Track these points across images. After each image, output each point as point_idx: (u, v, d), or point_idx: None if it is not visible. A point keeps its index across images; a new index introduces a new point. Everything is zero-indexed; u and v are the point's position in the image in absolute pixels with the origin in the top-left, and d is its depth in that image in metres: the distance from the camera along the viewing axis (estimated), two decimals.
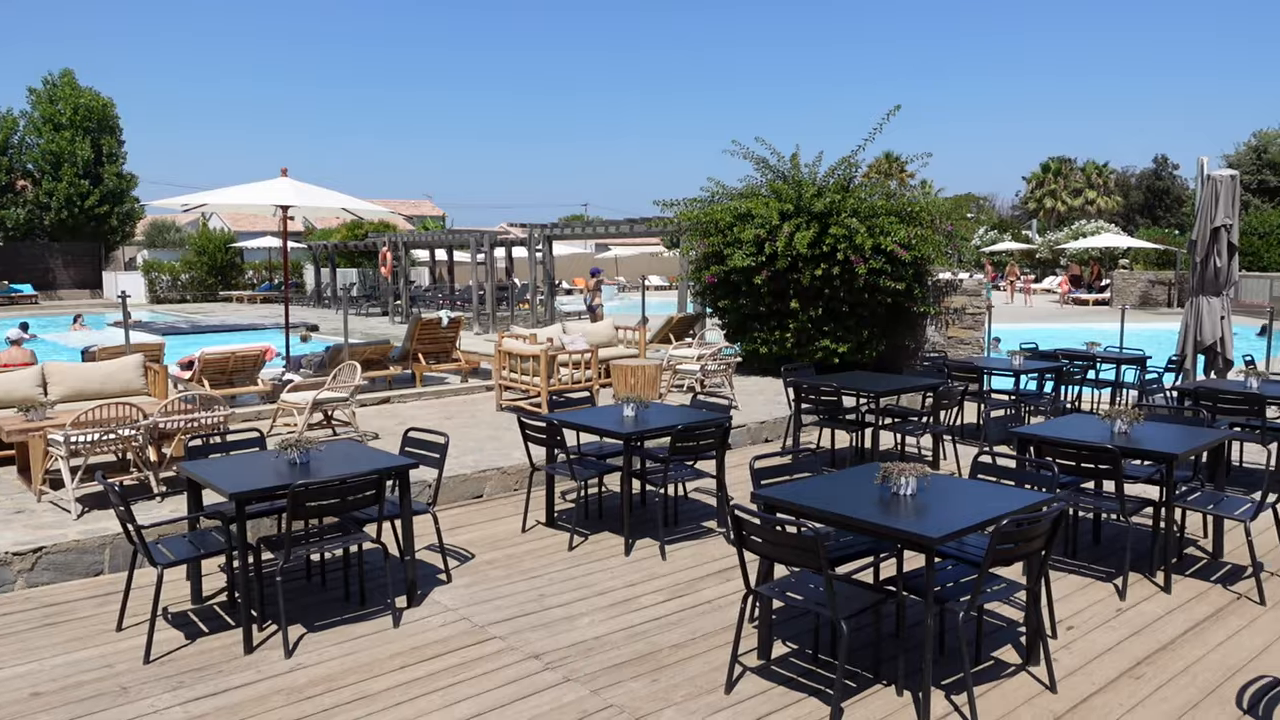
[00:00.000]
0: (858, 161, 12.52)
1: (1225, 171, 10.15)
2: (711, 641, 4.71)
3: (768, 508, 4.38)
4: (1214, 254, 10.11)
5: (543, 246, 20.50)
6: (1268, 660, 4.45)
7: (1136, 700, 4.07)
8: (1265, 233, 30.37)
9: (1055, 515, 4.00)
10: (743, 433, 9.28)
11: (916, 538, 3.82)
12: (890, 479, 4.36)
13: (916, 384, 8.16)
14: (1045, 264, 41.94)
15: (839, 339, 12.08)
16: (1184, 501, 5.54)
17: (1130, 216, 55.58)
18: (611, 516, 6.87)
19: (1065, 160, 55.47)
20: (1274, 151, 40.59)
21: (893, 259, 11.67)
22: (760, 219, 11.96)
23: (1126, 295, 30.27)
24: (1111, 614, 5.03)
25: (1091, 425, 6.01)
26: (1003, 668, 4.38)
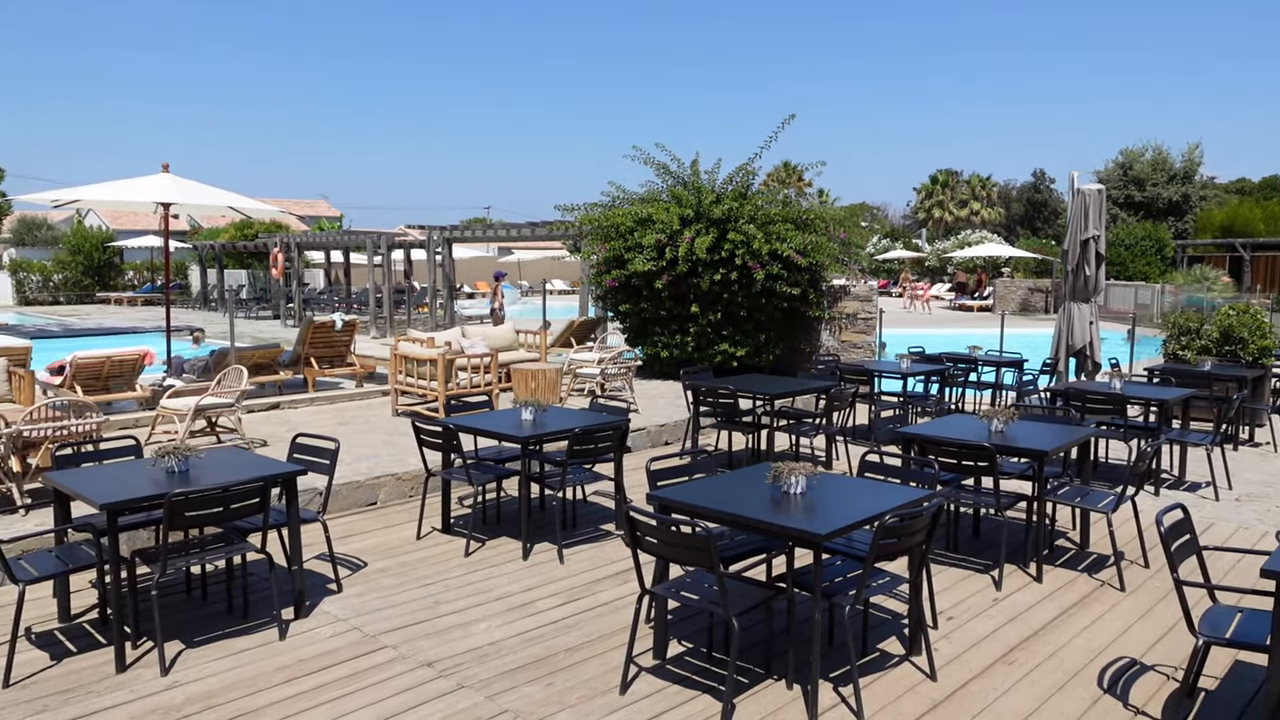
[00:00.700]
0: (755, 169, 12.81)
1: (1093, 186, 10.80)
2: (608, 643, 4.72)
3: (662, 508, 4.42)
4: (1084, 263, 10.74)
5: (442, 249, 20.17)
6: (1126, 642, 4.76)
7: (1009, 684, 4.29)
8: (1131, 244, 32.46)
9: (934, 510, 4.17)
10: (643, 435, 9.34)
11: (804, 535, 3.93)
12: (781, 478, 4.47)
13: (810, 386, 8.39)
14: (934, 272, 43.73)
15: (738, 343, 12.30)
16: (1054, 496, 5.87)
17: (1011, 227, 58.49)
18: (509, 521, 6.81)
19: (952, 173, 58.08)
20: (1139, 168, 43.39)
21: (789, 265, 11.97)
22: (661, 224, 12.09)
23: (1008, 302, 31.85)
24: (989, 604, 5.28)
25: (971, 425, 6.30)
26: (888, 659, 4.55)
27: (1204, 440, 7.74)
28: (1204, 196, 44.76)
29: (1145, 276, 30.57)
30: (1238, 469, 8.55)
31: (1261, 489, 7.93)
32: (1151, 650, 4.66)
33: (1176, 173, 43.32)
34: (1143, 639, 4.80)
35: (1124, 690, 4.24)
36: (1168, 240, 33.80)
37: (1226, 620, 3.90)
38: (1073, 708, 4.07)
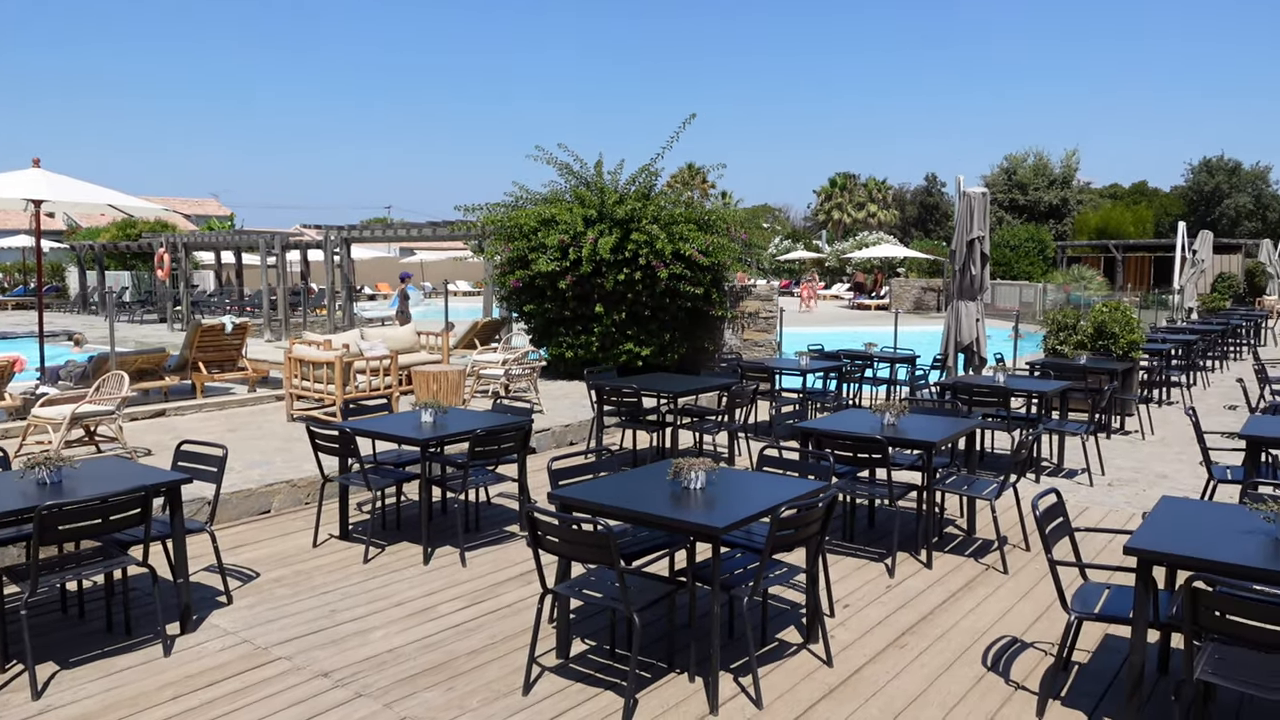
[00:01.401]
0: (658, 170, 12.92)
1: (978, 189, 11.31)
2: (510, 645, 4.69)
3: (564, 507, 4.42)
4: (970, 263, 11.25)
5: (341, 249, 19.62)
6: (1008, 622, 5.00)
7: (901, 667, 4.45)
8: (1015, 245, 34.08)
9: (829, 501, 4.30)
10: (547, 436, 9.30)
11: (703, 529, 3.99)
12: (681, 474, 4.52)
13: (712, 384, 8.52)
14: (834, 272, 44.96)
15: (642, 342, 12.38)
16: (942, 485, 6.12)
17: (906, 229, 60.65)
18: (410, 526, 6.69)
19: (850, 176, 59.81)
20: (1022, 173, 45.65)
21: (692, 265, 12.12)
22: (564, 225, 12.06)
23: (902, 301, 33.01)
24: (882, 591, 5.47)
25: (865, 419, 6.51)
26: (786, 647, 4.66)
27: (1079, 429, 8.20)
28: (1081, 201, 47.43)
29: (1029, 276, 32.14)
30: (1110, 456, 9.09)
31: (1131, 474, 8.45)
32: (1031, 628, 4.91)
33: (1056, 178, 45.76)
34: (1023, 618, 5.05)
35: (1005, 667, 4.46)
36: (1049, 241, 35.64)
37: (1096, 597, 4.15)
38: (959, 686, 4.25)
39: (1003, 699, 4.14)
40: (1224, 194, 49.30)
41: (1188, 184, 52.19)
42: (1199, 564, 3.43)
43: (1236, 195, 48.81)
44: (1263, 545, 3.59)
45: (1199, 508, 4.28)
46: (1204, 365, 16.31)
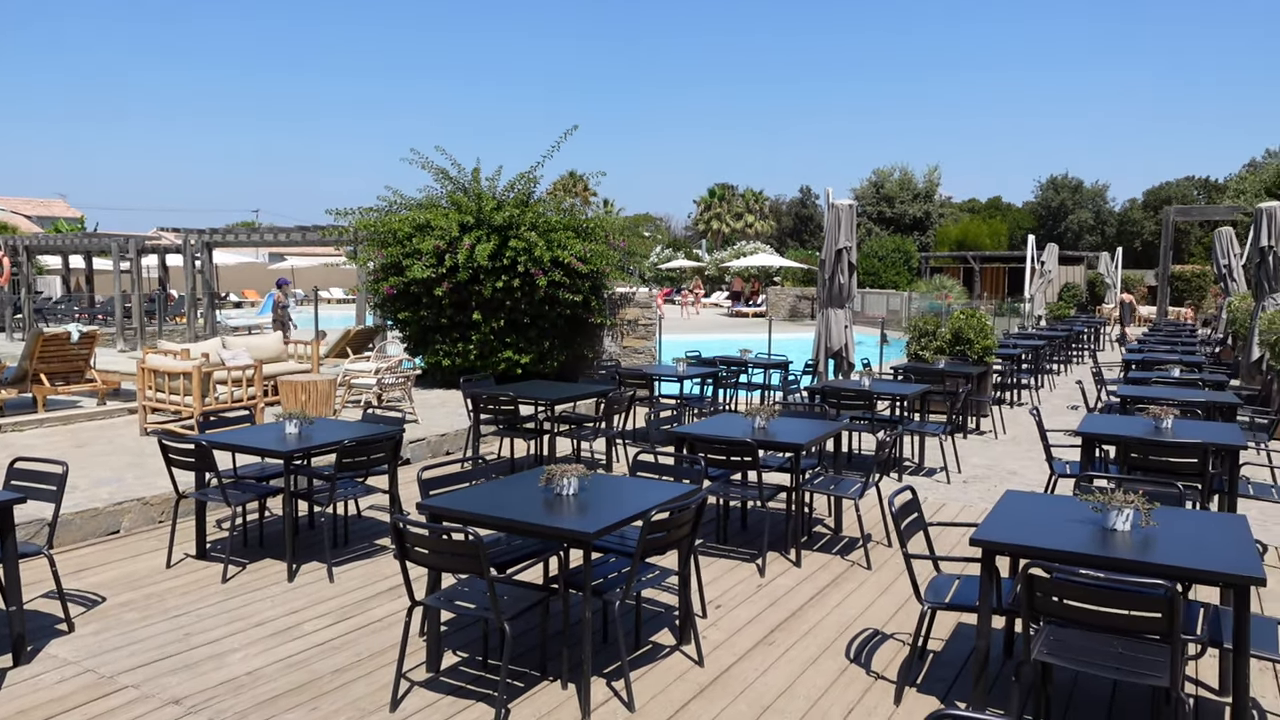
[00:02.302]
0: (537, 177, 12.87)
1: (845, 201, 11.78)
2: (379, 661, 4.56)
3: (434, 517, 4.34)
4: (838, 272, 11.69)
5: (202, 254, 18.65)
6: (871, 615, 5.21)
7: (769, 663, 4.57)
8: (883, 255, 35.67)
9: (698, 503, 4.38)
10: (423, 446, 9.11)
11: (574, 534, 3.99)
12: (553, 481, 4.52)
13: (589, 391, 8.54)
14: (713, 281, 45.88)
15: (521, 350, 12.30)
16: (810, 486, 6.33)
17: (782, 239, 62.54)
18: (274, 542, 6.41)
19: (728, 187, 61.19)
20: (889, 186, 47.87)
21: (571, 272, 12.13)
22: (440, 230, 11.86)
23: (778, 309, 33.99)
24: (753, 590, 5.61)
25: (737, 423, 6.67)
26: (659, 649, 4.71)
27: (938, 430, 8.64)
28: (942, 214, 50.09)
29: (895, 285, 33.69)
30: (966, 454, 9.62)
31: (984, 471, 8.97)
32: (891, 620, 5.14)
33: (920, 192, 48.19)
34: (885, 611, 5.28)
35: (867, 658, 4.65)
36: (913, 252, 37.48)
37: (947, 587, 4.38)
38: (823, 679, 4.40)
39: (864, 689, 4.31)
40: (1069, 210, 53.08)
41: (1037, 200, 55.95)
42: (1035, 552, 3.67)
43: (1079, 211, 52.64)
44: (1091, 533, 3.88)
45: (1038, 500, 4.58)
46: (1050, 369, 17.49)
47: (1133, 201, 55.96)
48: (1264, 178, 27.66)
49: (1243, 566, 3.43)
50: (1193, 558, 3.57)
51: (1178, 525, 4.01)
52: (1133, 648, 3.60)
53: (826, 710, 4.10)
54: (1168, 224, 26.65)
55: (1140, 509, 3.90)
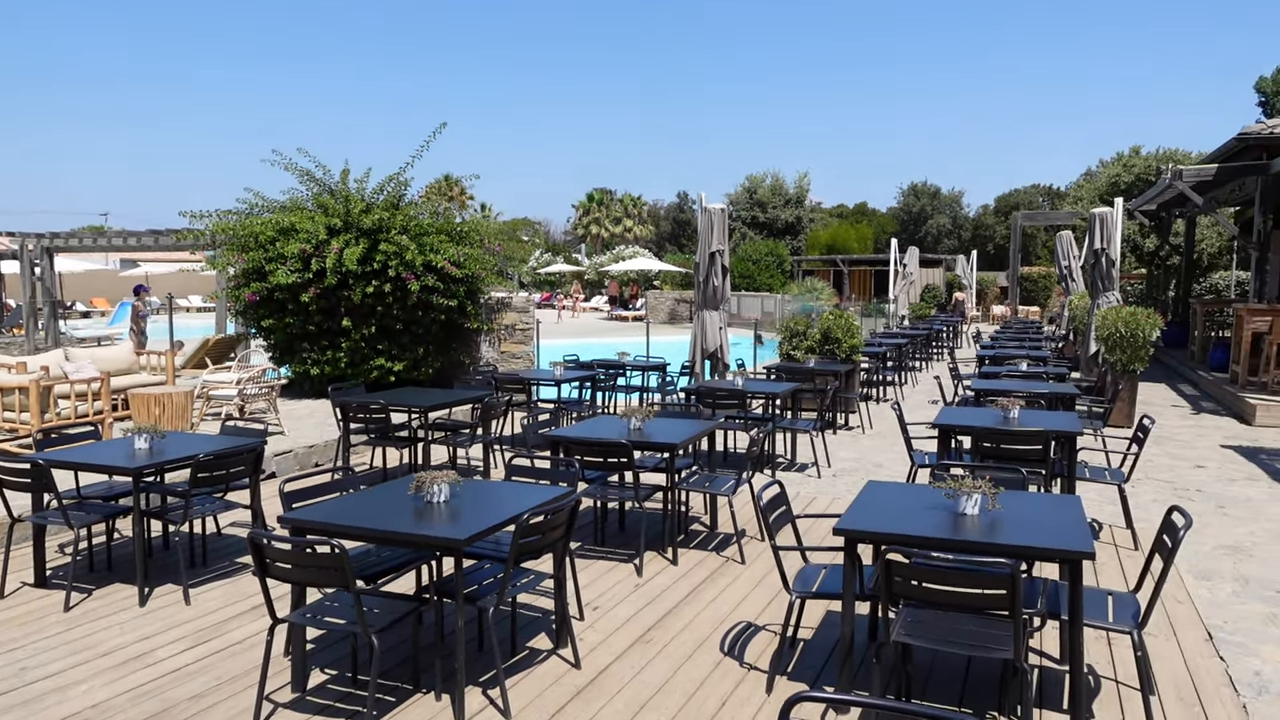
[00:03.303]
0: (407, 179, 12.58)
1: (717, 205, 12.02)
2: (240, 684, 4.34)
3: (296, 530, 4.17)
4: (712, 274, 11.92)
5: (42, 260, 17.33)
6: (745, 608, 5.34)
7: (646, 661, 4.61)
8: (757, 259, 36.65)
9: (572, 506, 4.37)
10: (289, 459, 8.73)
11: (445, 542, 3.92)
12: (423, 488, 4.42)
13: (463, 397, 8.40)
14: (593, 285, 46.01)
15: (394, 357, 11.98)
16: (685, 484, 6.43)
17: (661, 243, 63.39)
18: (124, 565, 6.01)
19: (607, 192, 61.60)
20: (762, 193, 49.22)
21: (445, 276, 11.91)
22: (305, 234, 11.43)
23: (658, 312, 34.39)
24: (631, 590, 5.64)
25: (614, 425, 6.70)
26: (536, 655, 4.67)
27: (808, 427, 8.93)
28: (813, 219, 51.90)
29: (770, 288, 34.66)
30: (835, 449, 9.99)
31: (852, 465, 9.33)
32: (764, 612, 5.27)
33: (791, 197, 49.75)
34: (758, 603, 5.41)
35: (741, 650, 4.75)
36: (786, 256, 38.67)
37: (815, 577, 4.53)
38: (699, 673, 4.47)
39: (738, 680, 4.40)
40: (928, 215, 55.94)
41: (900, 205, 58.73)
42: (892, 538, 3.85)
43: (938, 216, 55.55)
44: (944, 518, 4.09)
45: (898, 490, 4.80)
46: (913, 366, 18.38)
47: (985, 207, 59.54)
48: (1098, 185, 29.96)
49: (1075, 543, 3.70)
50: (1033, 537, 3.82)
51: (1021, 508, 4.28)
52: (982, 624, 3.82)
53: (702, 703, 4.16)
54: (1016, 229, 28.47)
55: (987, 494, 4.14)
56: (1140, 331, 11.53)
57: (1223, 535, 6.80)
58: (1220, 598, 5.54)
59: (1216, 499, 7.85)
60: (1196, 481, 8.57)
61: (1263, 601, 5.48)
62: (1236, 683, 4.37)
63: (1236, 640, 4.89)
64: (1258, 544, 6.61)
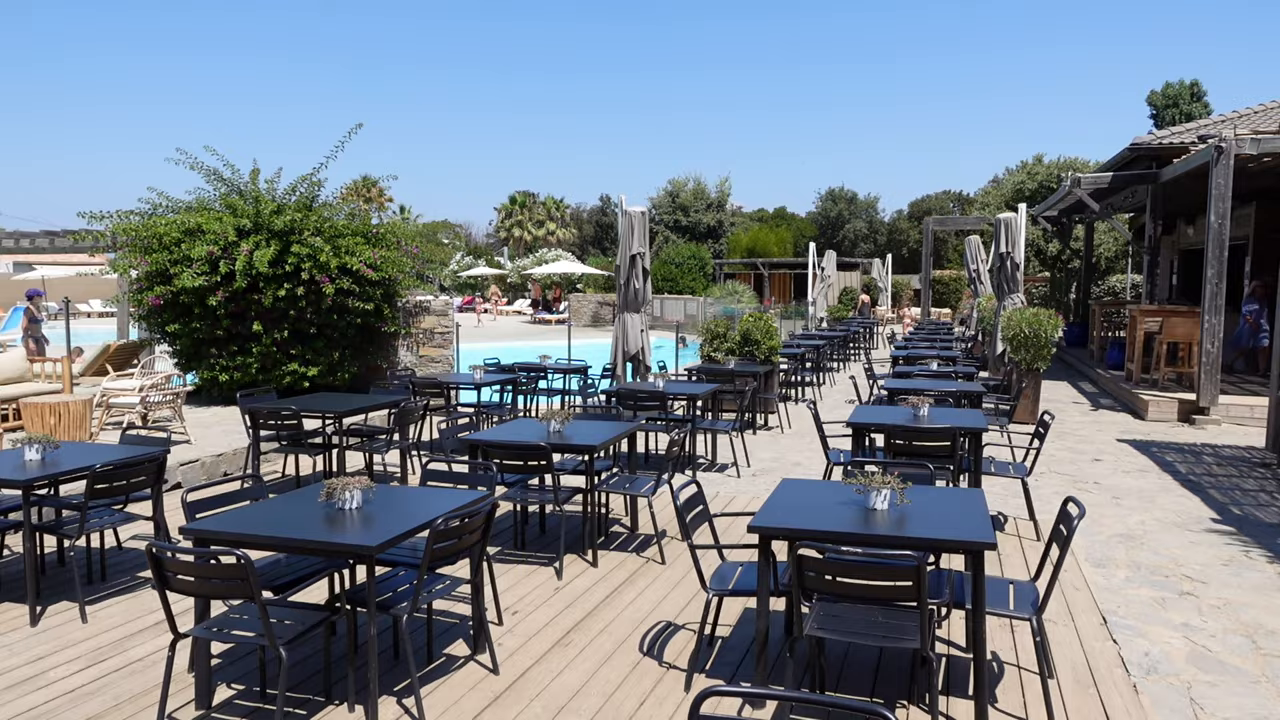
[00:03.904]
0: (321, 180, 12.28)
1: (638, 208, 12.07)
2: (140, 704, 4.16)
3: (200, 541, 4.02)
4: (633, 277, 11.96)
5: None
6: (664, 608, 5.37)
7: (565, 664, 4.60)
8: (680, 262, 36.93)
9: (488, 510, 4.33)
10: (196, 468, 8.42)
11: (355, 549, 3.83)
12: (335, 495, 4.32)
13: (379, 402, 8.23)
14: (516, 288, 45.67)
15: (308, 362, 11.67)
16: (606, 486, 6.43)
17: (584, 247, 63.27)
18: (14, 583, 5.70)
19: (530, 194, 61.21)
20: (684, 196, 49.62)
21: (361, 279, 11.66)
22: (213, 235, 11.04)
23: (581, 315, 34.34)
24: (551, 593, 5.62)
25: (532, 428, 6.66)
26: (453, 661, 4.61)
27: (728, 427, 9.04)
28: (734, 223, 52.55)
29: (692, 291, 34.96)
30: (755, 449, 10.13)
31: (772, 464, 9.48)
32: (684, 611, 5.31)
33: (713, 201, 50.30)
34: (677, 603, 5.45)
35: (659, 650, 4.78)
36: (708, 259, 39.06)
37: (731, 575, 4.59)
38: (617, 674, 4.48)
39: (656, 679, 4.43)
40: (845, 219, 57.25)
41: (818, 210, 59.95)
42: (804, 534, 3.92)
43: (854, 221, 56.91)
44: (854, 513, 4.19)
45: (812, 486, 4.90)
46: (831, 366, 18.78)
47: (899, 212, 61.26)
48: (1004, 192, 31.13)
49: (977, 534, 3.83)
50: (938, 530, 3.94)
51: (927, 502, 4.41)
52: (892, 616, 3.93)
53: (620, 704, 4.17)
54: (928, 233, 29.38)
55: (895, 489, 4.26)
56: (1043, 332, 12.03)
57: (1117, 525, 7.14)
58: (1114, 584, 5.82)
59: (1112, 490, 8.24)
60: (1094, 474, 8.98)
61: (1152, 586, 5.78)
62: (1128, 663, 4.60)
63: (1128, 623, 5.15)
64: (1148, 532, 6.96)
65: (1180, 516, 7.39)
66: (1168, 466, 9.37)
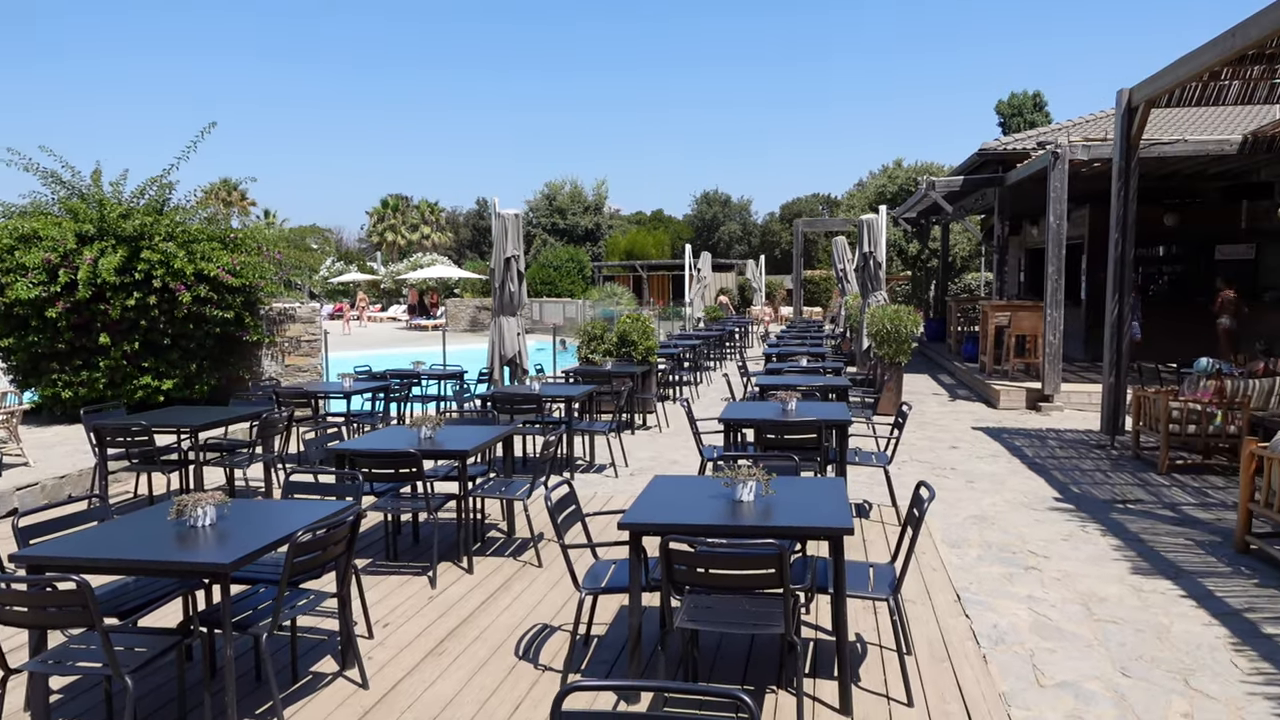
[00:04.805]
0: (172, 182, 11.63)
1: (511, 210, 11.98)
2: None
3: (34, 568, 3.74)
4: (508, 280, 11.86)
5: None
6: (541, 610, 5.35)
7: (438, 674, 4.51)
8: (558, 265, 36.87)
9: (353, 520, 4.21)
10: (35, 492, 7.82)
11: (208, 568, 3.65)
12: (185, 511, 4.10)
13: (239, 414, 7.87)
14: (390, 294, 44.50)
15: (162, 375, 11.02)
16: (480, 491, 6.35)
17: (461, 250, 62.28)
18: None
19: (403, 198, 59.77)
20: (561, 199, 49.55)
21: (219, 286, 11.10)
22: (51, 241, 10.29)
23: (459, 320, 33.79)
24: (425, 602, 5.51)
25: (403, 435, 6.51)
26: (320, 679, 4.45)
27: (605, 428, 9.09)
28: (612, 225, 52.84)
29: (571, 294, 34.96)
30: (633, 449, 10.23)
31: (650, 463, 9.59)
32: (560, 613, 5.31)
33: (590, 204, 50.43)
34: (554, 605, 5.44)
35: (535, 653, 4.76)
36: (586, 262, 39.16)
37: (604, 573, 4.62)
38: (492, 680, 4.43)
39: (532, 682, 4.41)
40: (720, 221, 58.50)
41: (694, 212, 61.02)
42: (673, 528, 3.99)
43: (729, 223, 58.22)
44: (722, 506, 4.29)
45: (682, 482, 4.98)
46: (708, 365, 19.15)
47: (771, 215, 63.08)
48: (868, 195, 32.54)
49: (837, 521, 4.00)
50: (800, 518, 4.09)
51: (792, 492, 4.56)
52: (759, 604, 4.04)
53: (494, 709, 4.13)
54: (798, 235, 30.36)
55: (761, 481, 4.39)
56: (903, 328, 12.64)
57: (971, 507, 7.58)
58: (967, 562, 6.18)
59: (967, 475, 8.74)
60: (951, 460, 9.50)
61: (1001, 563, 6.16)
62: (979, 636, 4.89)
63: (980, 599, 5.47)
64: (999, 513, 7.42)
65: (1027, 497, 7.91)
66: (1017, 451, 10.01)
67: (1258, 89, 9.69)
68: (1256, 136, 12.14)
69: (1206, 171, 14.60)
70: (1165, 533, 6.81)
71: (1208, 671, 4.47)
